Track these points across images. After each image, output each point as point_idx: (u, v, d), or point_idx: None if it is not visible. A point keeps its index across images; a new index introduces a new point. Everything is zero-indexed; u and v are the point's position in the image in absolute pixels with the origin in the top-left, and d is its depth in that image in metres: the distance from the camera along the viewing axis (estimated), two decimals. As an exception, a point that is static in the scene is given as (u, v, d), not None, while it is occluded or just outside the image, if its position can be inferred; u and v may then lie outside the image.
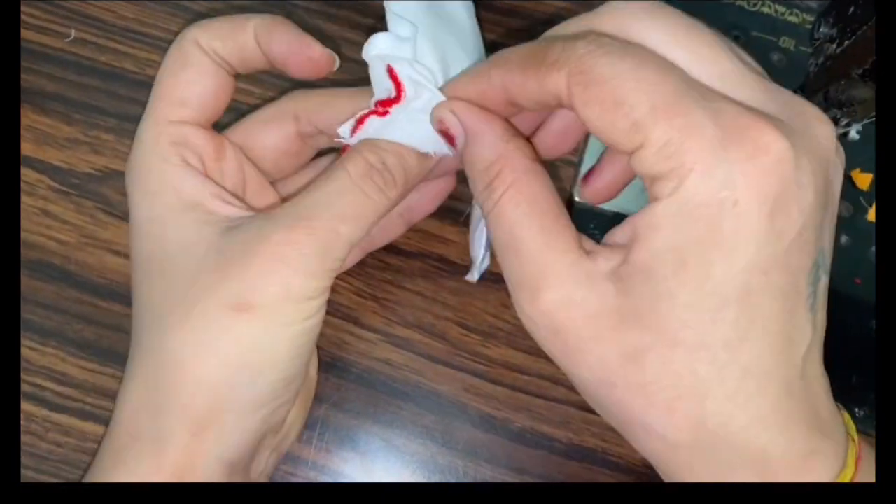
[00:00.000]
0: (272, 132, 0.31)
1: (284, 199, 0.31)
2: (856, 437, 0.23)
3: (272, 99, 0.34)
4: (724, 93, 0.22)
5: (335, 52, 0.40)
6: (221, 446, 0.25)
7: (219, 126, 0.32)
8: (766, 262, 0.20)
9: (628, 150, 0.21)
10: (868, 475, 0.22)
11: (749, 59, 0.24)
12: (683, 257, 0.21)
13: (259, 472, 0.28)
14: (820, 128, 0.22)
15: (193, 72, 0.28)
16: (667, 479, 0.23)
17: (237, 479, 0.26)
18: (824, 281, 0.23)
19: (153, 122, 0.28)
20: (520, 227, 0.23)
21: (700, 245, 0.20)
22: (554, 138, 0.27)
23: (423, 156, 0.28)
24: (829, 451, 0.22)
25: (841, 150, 0.23)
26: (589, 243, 0.24)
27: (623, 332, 0.21)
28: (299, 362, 0.26)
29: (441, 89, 0.27)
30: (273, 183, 0.32)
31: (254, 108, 0.35)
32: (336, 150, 0.33)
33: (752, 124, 0.20)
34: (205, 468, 0.25)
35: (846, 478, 0.22)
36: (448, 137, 0.26)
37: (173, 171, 0.27)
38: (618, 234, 0.23)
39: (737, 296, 0.20)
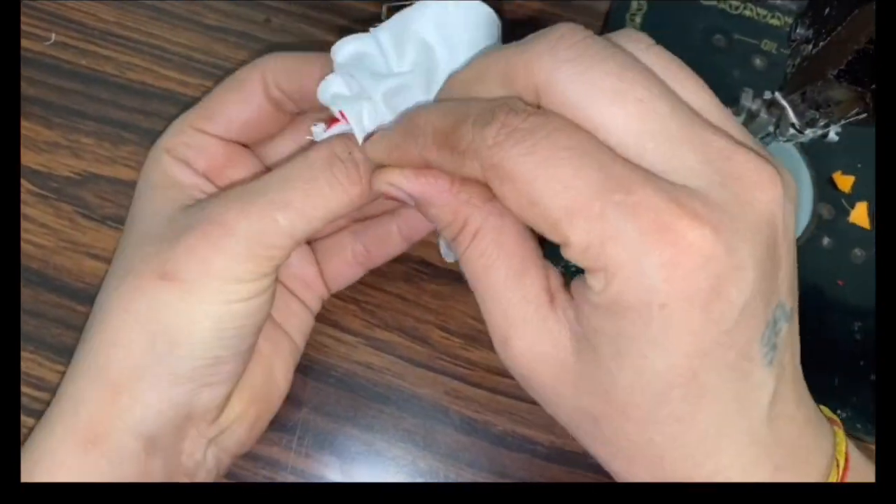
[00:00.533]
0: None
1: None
2: (841, 459, 0.23)
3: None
4: (654, 158, 0.20)
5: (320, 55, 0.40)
6: (136, 416, 0.25)
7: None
8: (706, 347, 0.20)
9: (555, 241, 0.21)
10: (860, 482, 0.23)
11: (695, 95, 0.23)
12: (618, 348, 0.21)
13: (196, 464, 0.27)
14: (760, 193, 0.21)
15: (238, 98, 0.29)
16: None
17: (162, 460, 0.26)
18: (787, 328, 0.22)
19: (179, 123, 0.30)
20: (486, 275, 0.23)
21: (633, 341, 0.20)
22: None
23: (389, 136, 0.26)
24: (812, 468, 0.22)
25: (792, 186, 0.22)
26: (556, 282, 0.23)
27: (580, 394, 0.22)
28: (228, 344, 0.26)
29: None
30: (254, 148, 0.31)
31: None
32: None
33: (674, 222, 0.19)
34: (119, 437, 0.25)
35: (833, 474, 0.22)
36: (399, 203, 0.25)
37: (169, 162, 0.29)
38: (574, 287, 0.22)
39: (680, 380, 0.20)
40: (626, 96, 0.20)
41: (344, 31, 0.40)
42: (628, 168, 0.20)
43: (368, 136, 0.26)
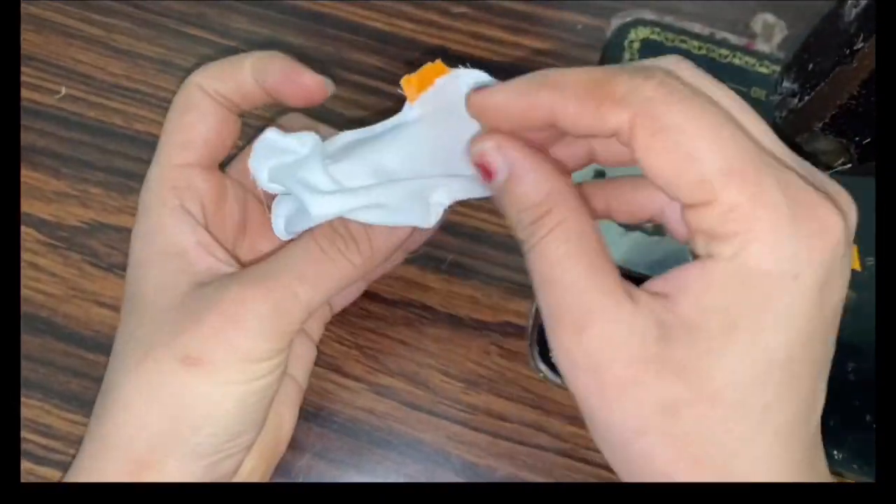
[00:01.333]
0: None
1: None
2: None
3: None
4: (781, 157, 0.22)
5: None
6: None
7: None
8: (810, 334, 0.21)
9: (688, 202, 0.21)
10: None
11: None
12: (735, 320, 0.21)
13: None
14: (850, 210, 0.23)
15: (196, 114, 0.29)
16: None
17: None
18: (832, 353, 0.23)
19: (158, 166, 0.29)
20: (567, 263, 0.23)
21: (755, 311, 0.21)
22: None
23: (394, 228, 0.28)
24: None
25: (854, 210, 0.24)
26: (630, 287, 0.23)
27: (663, 381, 0.21)
28: (248, 419, 0.27)
29: (469, 100, 0.25)
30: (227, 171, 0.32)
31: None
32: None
33: (819, 203, 0.21)
34: None
35: None
36: (486, 172, 0.25)
37: (168, 216, 0.28)
38: (660, 284, 0.23)
39: (782, 363, 0.21)
40: (748, 112, 0.22)
41: (345, 84, 0.41)
42: (772, 155, 0.22)
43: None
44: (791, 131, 0.29)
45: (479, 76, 0.28)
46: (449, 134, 0.28)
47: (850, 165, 0.28)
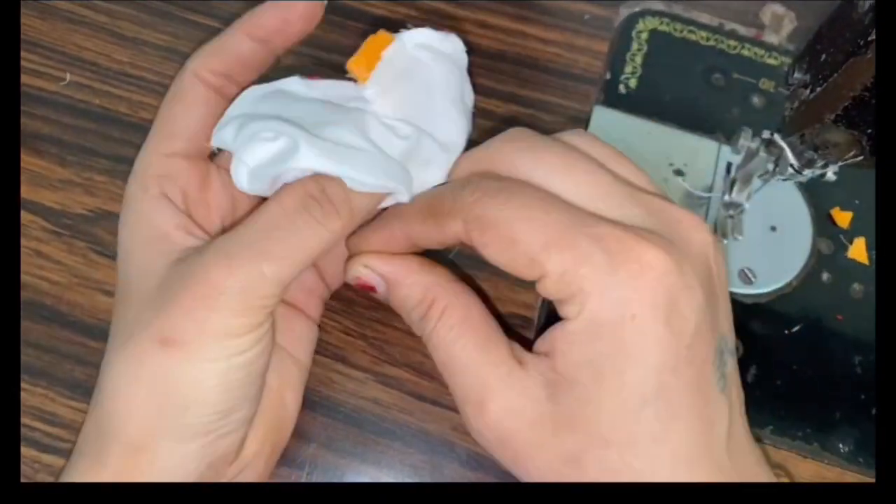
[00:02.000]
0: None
1: None
2: None
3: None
4: (607, 212, 0.25)
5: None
6: (157, 469, 0.25)
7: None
8: (671, 361, 0.23)
9: (531, 279, 0.24)
10: None
11: (630, 172, 0.27)
12: (599, 369, 0.23)
13: None
14: (695, 234, 0.25)
15: (185, 103, 0.29)
16: None
17: None
18: (732, 362, 0.25)
19: (145, 154, 0.29)
20: (457, 348, 0.26)
21: (610, 357, 0.23)
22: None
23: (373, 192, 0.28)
24: None
25: (720, 242, 0.27)
26: (520, 351, 0.26)
27: (560, 438, 0.24)
28: (236, 395, 0.26)
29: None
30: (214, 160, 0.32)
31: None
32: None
33: (634, 245, 0.23)
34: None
35: None
36: (368, 288, 0.29)
37: (149, 203, 0.28)
38: (541, 344, 0.25)
39: (654, 394, 0.23)
40: (574, 170, 0.26)
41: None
42: (588, 213, 0.24)
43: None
44: (802, 123, 0.29)
45: (425, 35, 0.29)
46: (416, 99, 0.29)
47: (861, 157, 0.28)
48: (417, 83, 0.29)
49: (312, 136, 0.26)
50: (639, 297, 0.23)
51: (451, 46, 0.31)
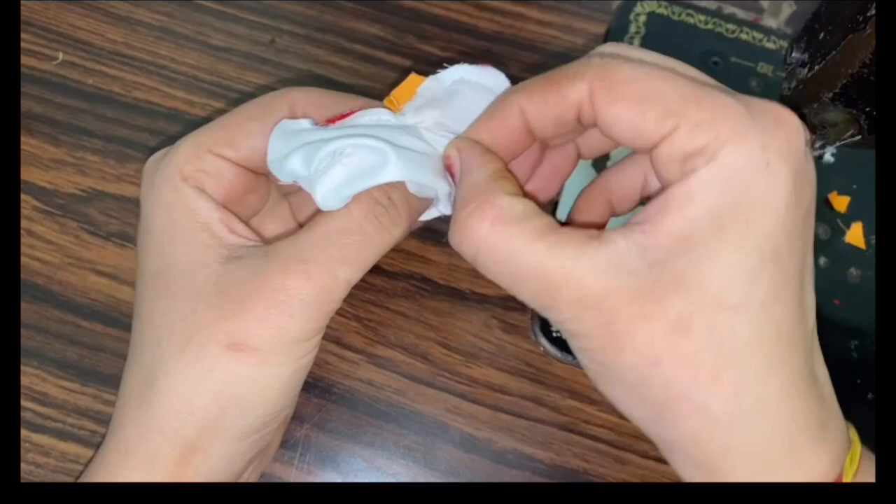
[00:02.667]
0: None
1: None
2: (856, 441, 0.24)
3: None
4: None
5: (325, 76, 0.40)
6: (209, 468, 0.25)
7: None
8: (791, 225, 0.22)
9: (656, 137, 0.23)
10: (867, 457, 0.24)
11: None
12: (723, 219, 0.21)
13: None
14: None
15: (264, 128, 0.28)
16: (698, 472, 0.23)
17: None
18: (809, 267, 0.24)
19: (194, 144, 0.28)
20: (524, 251, 0.23)
21: (738, 206, 0.22)
22: (543, 181, 0.28)
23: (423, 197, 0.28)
24: (836, 424, 0.23)
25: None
26: (594, 232, 0.23)
27: (667, 303, 0.21)
28: (290, 395, 0.27)
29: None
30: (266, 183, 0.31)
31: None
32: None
33: (769, 104, 0.23)
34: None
35: (856, 451, 0.23)
36: (451, 174, 0.27)
37: (190, 191, 0.27)
38: (641, 214, 0.23)
39: (771, 255, 0.22)
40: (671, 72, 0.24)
41: (346, 53, 0.41)
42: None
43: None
44: (800, 103, 0.29)
45: (463, 70, 0.29)
46: (451, 116, 0.28)
47: (859, 137, 0.27)
48: (453, 106, 0.29)
49: (398, 148, 0.27)
50: (776, 145, 0.22)
51: (492, 79, 0.30)
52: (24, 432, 0.32)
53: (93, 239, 0.36)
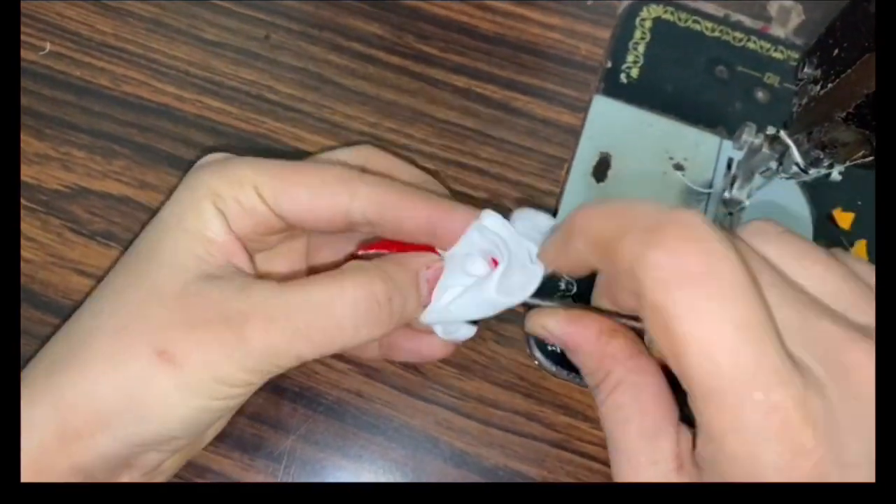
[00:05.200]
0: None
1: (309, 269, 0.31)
2: None
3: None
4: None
5: (320, 74, 0.39)
6: (77, 457, 0.24)
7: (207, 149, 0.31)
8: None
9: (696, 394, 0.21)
10: None
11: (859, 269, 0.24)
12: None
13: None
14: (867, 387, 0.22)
15: (316, 201, 0.27)
16: None
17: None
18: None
19: (247, 172, 0.27)
20: (620, 429, 0.24)
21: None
22: None
23: (420, 306, 0.28)
24: None
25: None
26: (686, 448, 0.23)
27: None
28: (193, 430, 0.25)
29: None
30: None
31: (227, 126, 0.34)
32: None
33: (796, 426, 0.20)
34: (57, 474, 0.24)
35: None
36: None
37: (211, 211, 0.26)
38: (702, 453, 0.22)
39: None
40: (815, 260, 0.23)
41: (342, 51, 0.40)
42: (773, 351, 0.20)
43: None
44: (810, 120, 0.28)
45: (494, 221, 0.28)
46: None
47: (871, 158, 0.26)
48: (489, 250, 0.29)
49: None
50: (781, 475, 0.20)
51: (544, 221, 0.30)
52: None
53: (76, 238, 0.35)
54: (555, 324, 0.27)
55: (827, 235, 0.38)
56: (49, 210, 0.35)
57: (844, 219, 0.39)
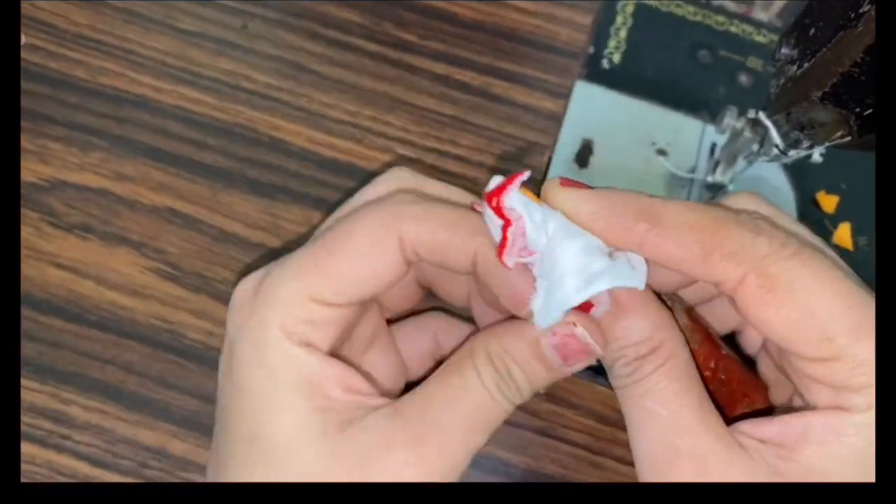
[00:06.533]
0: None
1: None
2: None
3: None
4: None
5: (298, 63, 0.39)
6: None
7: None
8: None
9: (810, 357, 0.21)
10: None
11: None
12: (865, 471, 0.20)
13: None
14: None
15: (377, 271, 0.23)
16: None
17: None
18: None
19: (298, 289, 0.23)
20: (677, 402, 0.22)
21: None
22: None
23: (553, 368, 0.23)
24: None
25: None
26: (733, 430, 0.22)
27: None
28: None
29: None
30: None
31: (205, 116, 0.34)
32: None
33: None
34: None
35: None
36: (586, 306, 0.23)
37: (296, 351, 0.23)
38: (770, 430, 0.22)
39: None
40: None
41: (320, 39, 0.39)
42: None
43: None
44: (788, 101, 0.28)
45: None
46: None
47: (849, 138, 0.26)
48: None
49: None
50: None
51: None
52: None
53: (53, 230, 0.35)
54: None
55: (811, 218, 0.38)
56: (25, 203, 0.35)
57: (828, 202, 0.39)
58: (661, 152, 0.38)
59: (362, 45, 0.39)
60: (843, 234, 0.38)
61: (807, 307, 0.20)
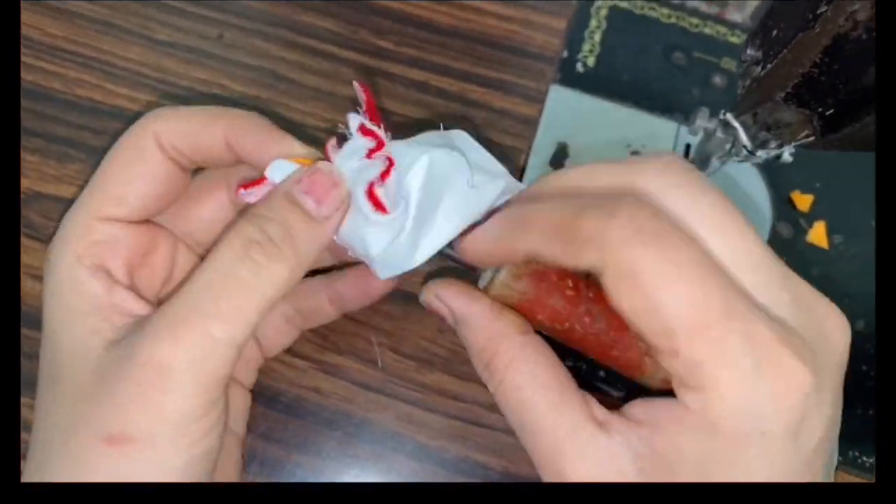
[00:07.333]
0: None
1: None
2: None
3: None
4: (755, 289, 0.21)
5: (274, 72, 0.39)
6: None
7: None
8: (787, 475, 0.21)
9: (655, 346, 0.21)
10: None
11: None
12: (707, 469, 0.21)
13: None
14: (839, 336, 0.22)
15: (142, 170, 0.25)
16: None
17: None
18: (835, 456, 0.24)
19: (82, 214, 0.25)
20: (525, 409, 0.23)
21: (725, 464, 0.21)
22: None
23: (315, 221, 0.25)
24: None
25: (848, 331, 0.23)
26: (601, 411, 0.23)
27: None
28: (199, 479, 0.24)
29: (453, 244, 0.26)
30: (164, 222, 0.29)
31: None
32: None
33: (783, 357, 0.20)
34: None
35: None
36: (440, 317, 0.26)
37: (83, 273, 0.25)
38: (639, 410, 0.22)
39: None
40: (732, 229, 0.22)
41: (296, 48, 0.39)
42: (742, 295, 0.21)
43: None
44: (754, 102, 0.28)
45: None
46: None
47: (813, 138, 0.26)
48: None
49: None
50: (775, 415, 0.20)
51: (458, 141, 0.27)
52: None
53: (30, 242, 0.35)
54: (448, 294, 0.25)
55: (786, 218, 0.38)
56: (2, 216, 0.35)
57: (803, 201, 0.39)
58: (636, 154, 0.39)
59: (339, 52, 0.40)
60: (819, 232, 0.38)
61: (652, 298, 0.20)
